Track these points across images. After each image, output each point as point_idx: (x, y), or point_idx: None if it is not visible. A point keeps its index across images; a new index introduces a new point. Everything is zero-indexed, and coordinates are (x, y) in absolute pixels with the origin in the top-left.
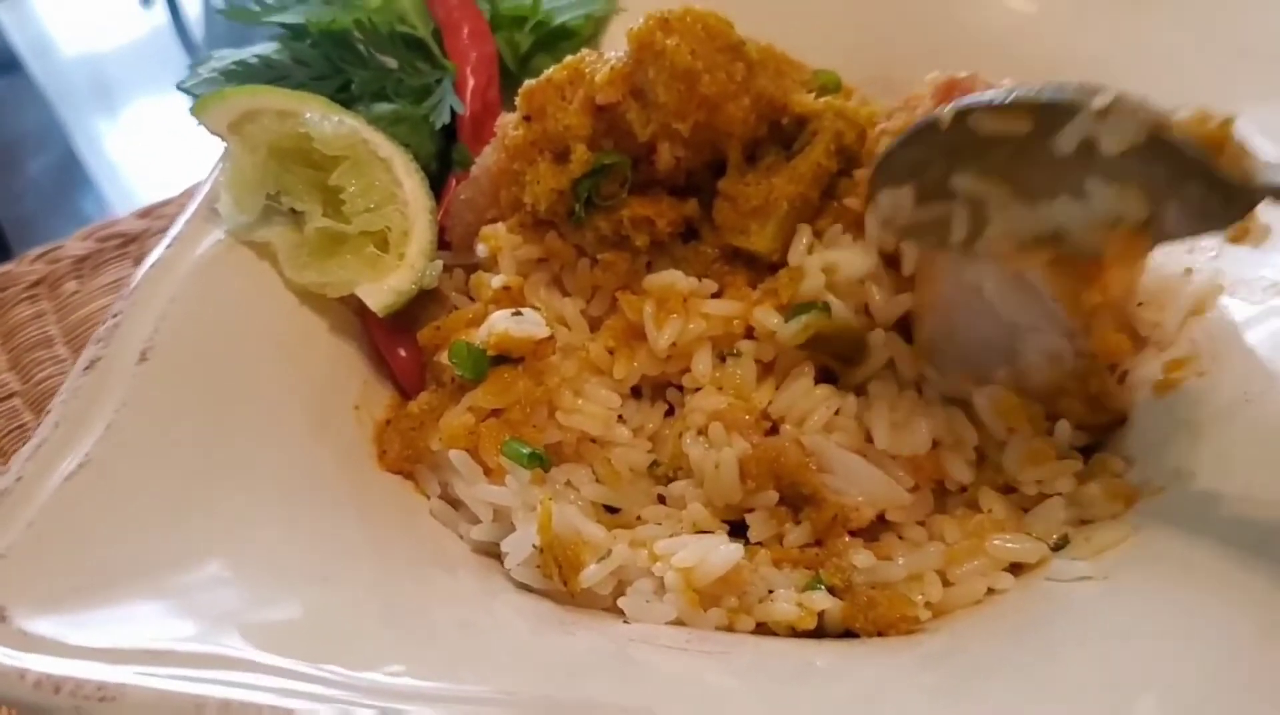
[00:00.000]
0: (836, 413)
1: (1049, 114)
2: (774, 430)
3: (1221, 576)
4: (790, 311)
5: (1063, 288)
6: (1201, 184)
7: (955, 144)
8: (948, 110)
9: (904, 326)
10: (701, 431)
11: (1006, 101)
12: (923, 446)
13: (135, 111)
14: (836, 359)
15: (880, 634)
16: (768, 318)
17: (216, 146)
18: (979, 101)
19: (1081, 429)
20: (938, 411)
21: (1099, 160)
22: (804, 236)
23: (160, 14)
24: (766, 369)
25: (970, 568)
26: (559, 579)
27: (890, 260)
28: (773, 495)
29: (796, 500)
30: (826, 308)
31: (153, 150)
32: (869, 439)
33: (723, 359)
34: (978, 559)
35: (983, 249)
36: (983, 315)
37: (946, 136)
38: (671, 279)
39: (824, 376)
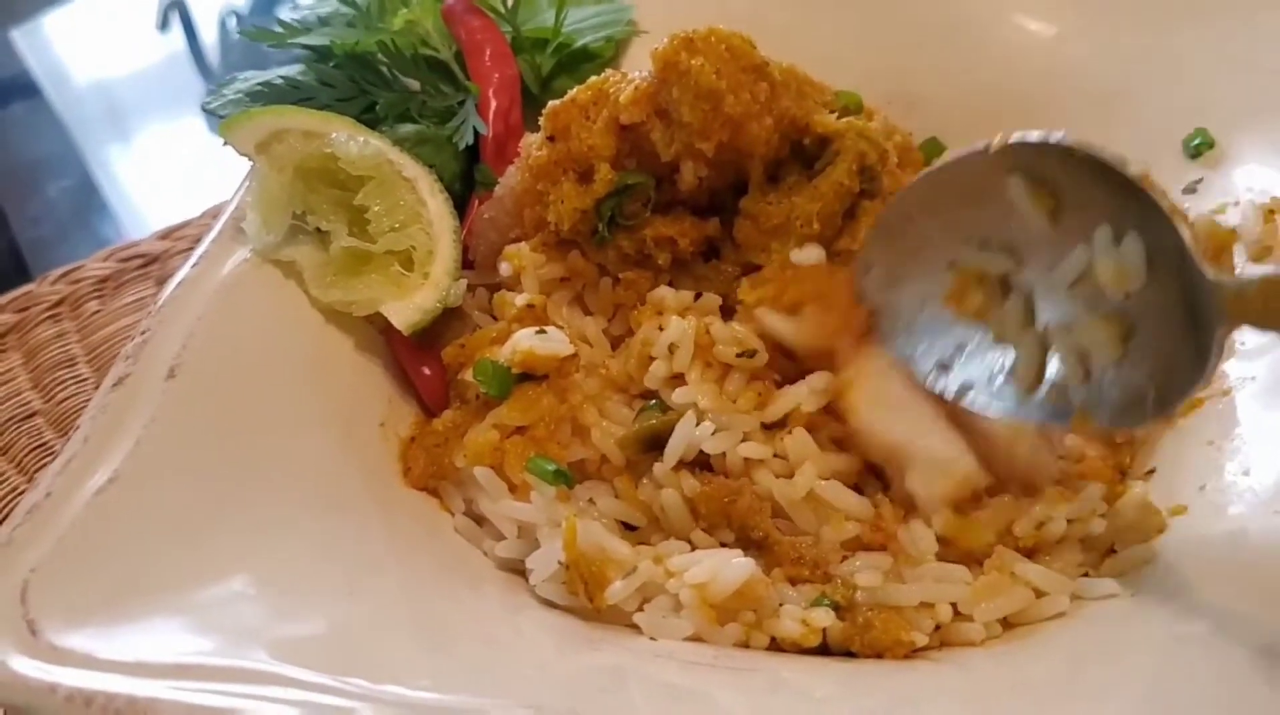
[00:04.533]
0: None
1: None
2: None
3: (1247, 591)
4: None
5: None
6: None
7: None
8: (998, 139)
9: None
10: None
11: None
12: None
13: (151, 136)
14: None
15: (879, 656)
16: None
17: (233, 169)
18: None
19: None
20: None
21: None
22: None
23: (177, 39)
24: None
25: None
26: (584, 595)
27: None
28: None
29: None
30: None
31: (169, 174)
32: None
33: None
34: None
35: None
36: None
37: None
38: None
39: None
